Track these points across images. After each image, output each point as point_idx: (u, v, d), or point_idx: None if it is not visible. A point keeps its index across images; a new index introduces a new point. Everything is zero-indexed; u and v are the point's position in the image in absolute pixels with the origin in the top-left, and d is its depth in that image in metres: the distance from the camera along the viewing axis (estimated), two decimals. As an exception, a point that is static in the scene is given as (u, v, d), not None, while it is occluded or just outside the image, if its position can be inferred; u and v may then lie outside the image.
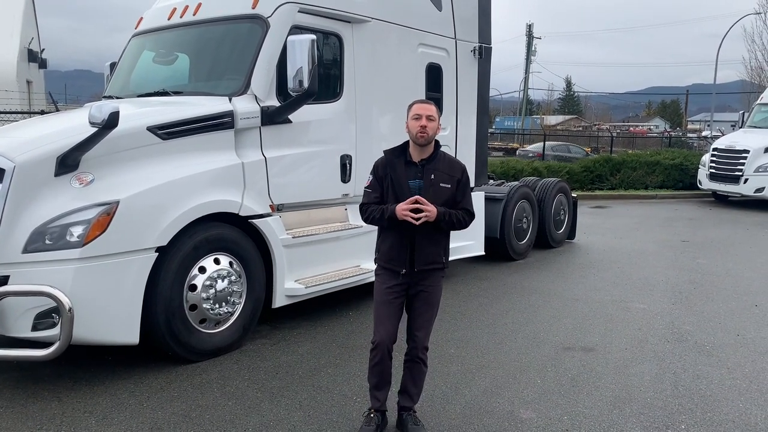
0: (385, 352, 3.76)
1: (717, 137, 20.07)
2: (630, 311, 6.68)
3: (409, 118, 3.73)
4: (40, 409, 4.20)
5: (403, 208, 3.57)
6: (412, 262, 3.71)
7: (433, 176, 3.68)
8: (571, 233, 10.83)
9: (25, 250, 4.33)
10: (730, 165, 16.31)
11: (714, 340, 5.81)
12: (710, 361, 5.28)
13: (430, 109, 3.73)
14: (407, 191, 3.65)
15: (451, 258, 7.55)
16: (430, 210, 3.56)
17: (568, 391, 4.62)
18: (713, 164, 16.77)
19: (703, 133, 32.70)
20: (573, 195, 10.96)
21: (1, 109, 11.73)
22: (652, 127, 69.20)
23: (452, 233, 3.97)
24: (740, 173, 16.01)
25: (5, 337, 4.48)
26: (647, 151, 23.38)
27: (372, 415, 3.87)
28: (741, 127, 18.35)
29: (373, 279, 6.38)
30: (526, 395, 4.52)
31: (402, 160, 3.76)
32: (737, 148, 16.33)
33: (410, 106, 3.77)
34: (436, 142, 3.80)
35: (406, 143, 3.82)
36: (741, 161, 16.04)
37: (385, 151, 3.89)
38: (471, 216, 3.81)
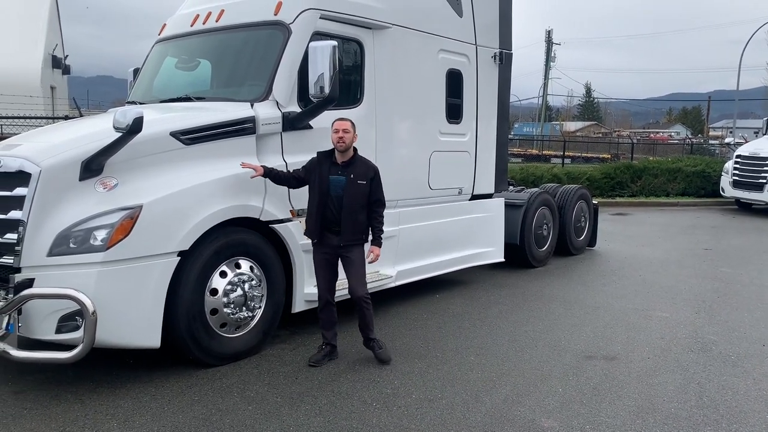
0: (326, 302, 5.18)
1: (740, 144, 19.79)
2: (652, 320, 6.60)
3: (331, 133, 5.00)
4: (63, 411, 4.24)
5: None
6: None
7: (352, 175, 4.99)
8: (592, 240, 10.74)
9: (50, 254, 4.39)
10: (753, 172, 16.08)
11: (739, 350, 5.71)
12: (735, 371, 5.19)
13: (345, 124, 5.00)
14: (326, 183, 4.98)
15: (470, 264, 7.75)
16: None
17: (590, 400, 4.56)
18: (736, 171, 16.54)
19: (726, 140, 32.29)
20: (594, 202, 10.87)
21: (26, 114, 11.93)
22: (673, 133, 68.50)
23: (472, 241, 4.28)
24: (764, 180, 15.77)
25: (29, 339, 4.54)
26: (668, 157, 23.12)
27: (323, 346, 5.24)
28: (765, 134, 18.09)
29: (392, 285, 6.46)
30: (548, 404, 4.48)
31: (329, 161, 5.06)
32: (761, 155, 16.10)
33: (332, 123, 5.01)
34: (354, 149, 5.08)
35: (333, 149, 5.06)
36: (765, 168, 15.81)
37: (318, 153, 5.13)
38: (382, 205, 5.18)
